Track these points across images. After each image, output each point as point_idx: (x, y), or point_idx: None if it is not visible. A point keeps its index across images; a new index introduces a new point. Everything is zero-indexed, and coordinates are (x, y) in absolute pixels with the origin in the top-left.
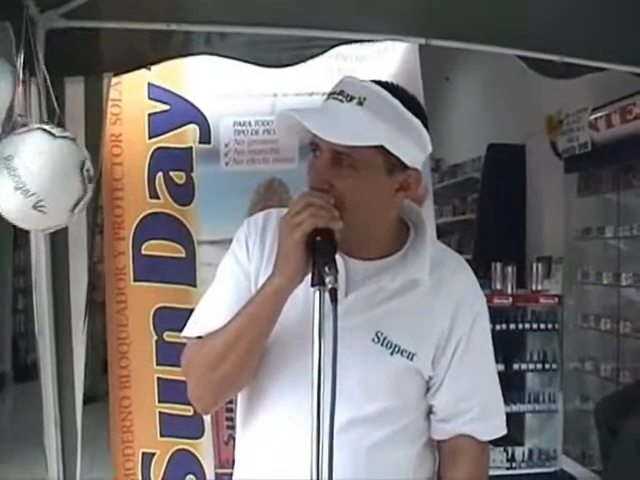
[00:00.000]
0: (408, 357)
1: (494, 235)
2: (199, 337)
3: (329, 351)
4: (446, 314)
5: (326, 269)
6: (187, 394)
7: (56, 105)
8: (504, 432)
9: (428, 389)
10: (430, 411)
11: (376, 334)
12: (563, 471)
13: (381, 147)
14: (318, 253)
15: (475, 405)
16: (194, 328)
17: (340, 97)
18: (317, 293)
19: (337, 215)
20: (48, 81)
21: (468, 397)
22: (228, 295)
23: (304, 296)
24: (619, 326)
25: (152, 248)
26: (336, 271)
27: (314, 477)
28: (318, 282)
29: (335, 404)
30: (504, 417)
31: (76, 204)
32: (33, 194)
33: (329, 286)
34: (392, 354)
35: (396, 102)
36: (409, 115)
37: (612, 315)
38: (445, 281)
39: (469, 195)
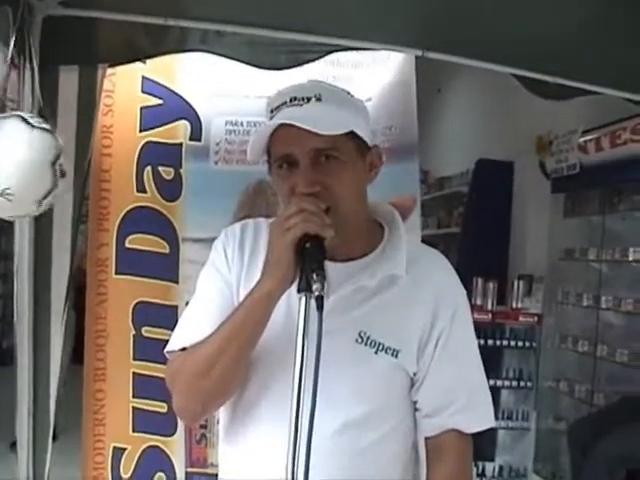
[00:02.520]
0: (393, 354)
1: (477, 250)
2: (183, 349)
3: (312, 358)
4: (427, 308)
5: (314, 276)
6: (162, 390)
7: (40, 94)
8: (491, 424)
9: (412, 385)
10: (415, 408)
11: (359, 334)
12: None
13: (351, 133)
14: (307, 259)
15: (459, 397)
16: (178, 340)
17: (296, 102)
18: (303, 299)
19: (328, 223)
20: (35, 68)
21: (452, 389)
22: (212, 305)
23: (286, 305)
24: (596, 349)
25: (136, 242)
26: (324, 278)
27: None
28: (305, 288)
29: (315, 411)
30: (491, 408)
31: (45, 196)
32: (1, 181)
33: (316, 293)
34: (377, 353)
35: (340, 89)
36: (356, 99)
37: (590, 337)
38: (424, 275)
39: (455, 209)
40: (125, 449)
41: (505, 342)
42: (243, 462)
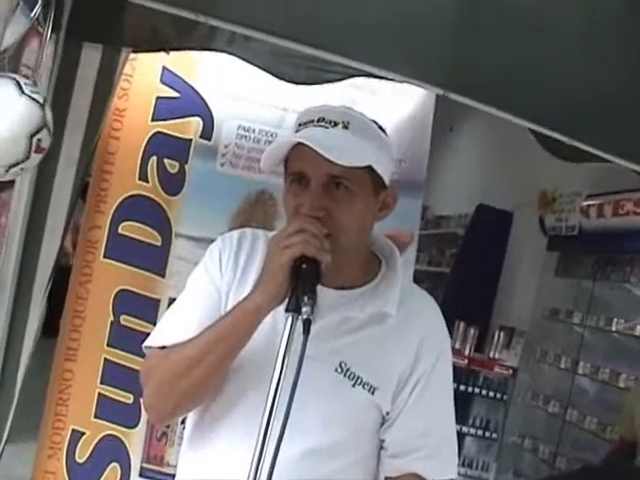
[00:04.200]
0: (369, 391)
1: (464, 294)
2: (162, 348)
3: (289, 379)
4: (410, 350)
5: (305, 298)
6: (131, 381)
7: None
8: (453, 475)
9: (383, 423)
10: (381, 446)
11: (339, 364)
12: None
13: (369, 168)
14: (301, 280)
15: (427, 444)
16: (159, 337)
17: (323, 124)
18: (289, 319)
19: (327, 248)
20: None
21: (421, 435)
22: (198, 309)
23: (272, 322)
24: (566, 412)
25: (129, 229)
26: (314, 302)
27: None
28: (294, 309)
29: (283, 435)
30: (455, 460)
31: (12, 165)
32: None
33: (304, 316)
34: (354, 386)
35: (373, 124)
36: (384, 135)
37: (562, 399)
38: (412, 317)
39: (448, 249)
40: (84, 433)
41: (477, 390)
42: (202, 469)
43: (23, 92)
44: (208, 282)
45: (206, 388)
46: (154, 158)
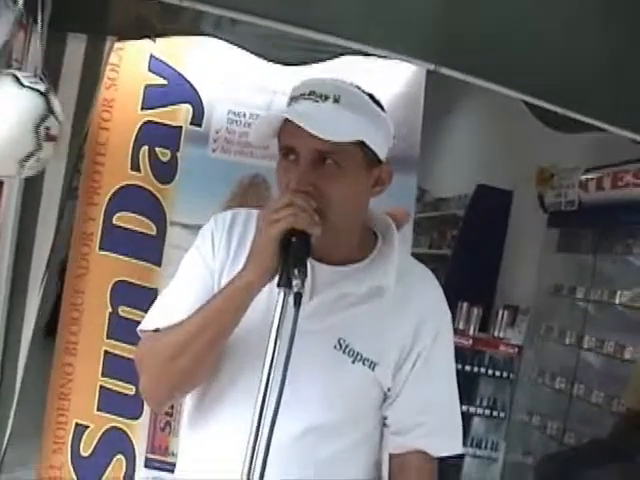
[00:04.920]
0: (370, 367)
1: (466, 275)
2: (156, 331)
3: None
4: (410, 325)
5: (295, 271)
6: (132, 372)
7: (43, 58)
8: (459, 450)
9: (385, 400)
10: (384, 423)
11: (338, 341)
12: None
13: (361, 143)
14: (290, 254)
15: (431, 419)
16: (153, 321)
17: (313, 97)
18: (281, 294)
19: (317, 220)
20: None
21: (424, 411)
22: (191, 289)
23: (267, 299)
24: (573, 387)
25: (124, 220)
26: (305, 275)
27: None
28: (285, 283)
29: (278, 412)
30: (460, 435)
31: (26, 158)
32: None
33: (295, 289)
34: (354, 362)
35: (366, 98)
36: (379, 110)
37: (568, 375)
38: (411, 292)
39: (449, 231)
40: (87, 427)
41: (483, 370)
42: (205, 449)
43: (23, 85)
44: (200, 263)
45: (201, 368)
46: (145, 147)
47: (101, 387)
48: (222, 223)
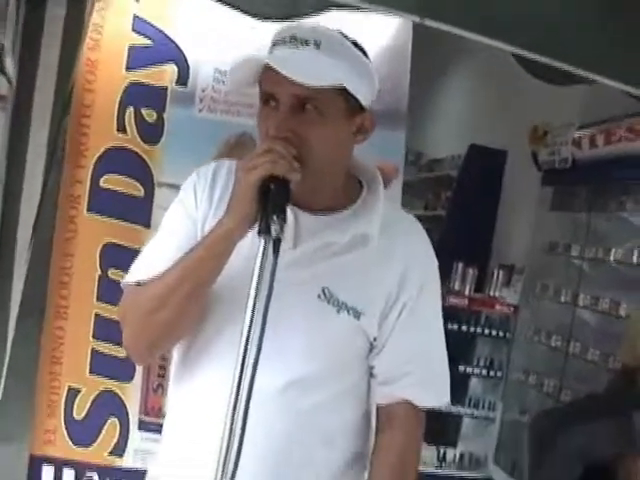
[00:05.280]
0: (355, 316)
1: (461, 235)
2: (138, 284)
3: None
4: (395, 274)
5: (274, 218)
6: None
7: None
8: (446, 400)
9: (371, 350)
10: (371, 373)
11: (322, 290)
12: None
13: (342, 89)
14: (270, 200)
15: (417, 369)
16: (134, 274)
17: (294, 42)
18: (262, 242)
19: (296, 167)
20: None
21: (410, 360)
22: (172, 241)
23: (249, 248)
24: (569, 345)
25: (111, 182)
26: (284, 221)
27: (225, 438)
28: (265, 230)
29: (258, 362)
30: (447, 385)
31: None
32: None
33: (274, 234)
34: (338, 312)
35: (348, 43)
36: (362, 56)
37: (564, 333)
38: (397, 242)
39: (443, 192)
40: (80, 390)
41: (479, 330)
42: (193, 401)
43: None
44: (183, 215)
45: (183, 320)
46: (131, 108)
47: (93, 350)
48: (204, 175)
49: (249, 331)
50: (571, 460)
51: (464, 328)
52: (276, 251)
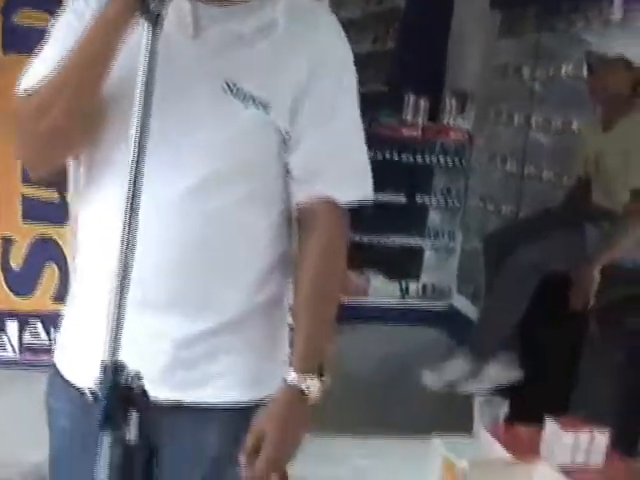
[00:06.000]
0: (264, 109)
1: (411, 66)
2: (29, 94)
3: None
4: (305, 63)
5: None
6: None
7: None
8: (368, 197)
9: (285, 147)
10: (287, 171)
11: (227, 83)
12: (454, 308)
13: None
14: None
15: (335, 165)
16: (23, 83)
17: None
18: (147, 28)
19: None
20: None
21: (327, 156)
22: (59, 43)
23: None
24: (524, 168)
25: (26, 17)
26: None
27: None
28: (144, 8)
29: (142, 164)
30: (368, 180)
31: None
32: None
33: (153, 8)
34: (246, 107)
35: None
36: None
37: (518, 157)
38: (306, 31)
39: (391, 25)
40: (14, 239)
41: (435, 159)
42: (92, 222)
43: None
44: (71, 14)
45: (72, 125)
46: None
47: (23, 196)
48: None
49: (141, 129)
50: (525, 274)
51: (419, 159)
52: (154, 25)
